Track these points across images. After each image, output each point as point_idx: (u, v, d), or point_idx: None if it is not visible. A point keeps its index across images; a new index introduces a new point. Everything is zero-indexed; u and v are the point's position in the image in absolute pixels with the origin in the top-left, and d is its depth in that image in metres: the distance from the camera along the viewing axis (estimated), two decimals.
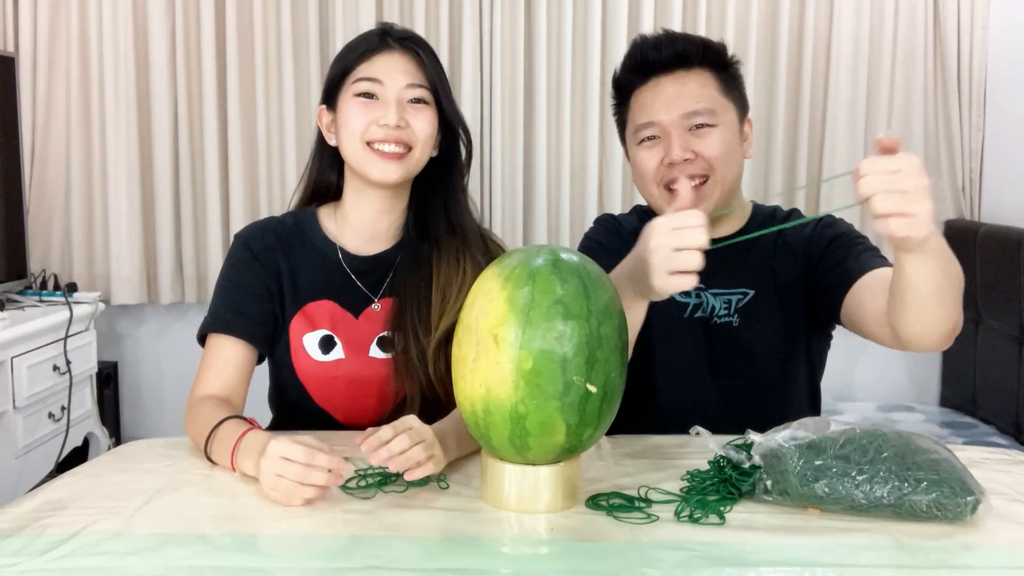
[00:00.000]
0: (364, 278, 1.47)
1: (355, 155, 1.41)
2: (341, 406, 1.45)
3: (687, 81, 1.46)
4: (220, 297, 1.45)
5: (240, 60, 3.13)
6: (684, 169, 1.44)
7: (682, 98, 1.45)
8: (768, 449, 1.10)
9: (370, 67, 1.40)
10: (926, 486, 1.04)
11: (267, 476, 1.10)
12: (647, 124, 1.47)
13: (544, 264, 1.06)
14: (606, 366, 1.05)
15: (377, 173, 1.40)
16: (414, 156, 1.41)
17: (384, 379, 1.43)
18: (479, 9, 3.11)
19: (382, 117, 1.38)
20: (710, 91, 1.46)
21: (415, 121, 1.40)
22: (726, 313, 1.53)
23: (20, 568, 0.94)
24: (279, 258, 1.46)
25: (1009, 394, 2.69)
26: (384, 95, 1.40)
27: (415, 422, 1.17)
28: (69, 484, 1.19)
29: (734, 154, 1.47)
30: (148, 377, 3.36)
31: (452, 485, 1.18)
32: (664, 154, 1.45)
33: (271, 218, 1.53)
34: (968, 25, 3.09)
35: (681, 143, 1.43)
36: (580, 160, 3.17)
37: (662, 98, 1.46)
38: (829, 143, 3.14)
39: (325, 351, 1.44)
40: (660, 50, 1.47)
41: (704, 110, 1.44)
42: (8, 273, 2.82)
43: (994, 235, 2.80)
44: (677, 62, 1.46)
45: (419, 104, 1.41)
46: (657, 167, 1.46)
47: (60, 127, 3.17)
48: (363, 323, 1.45)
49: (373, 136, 1.39)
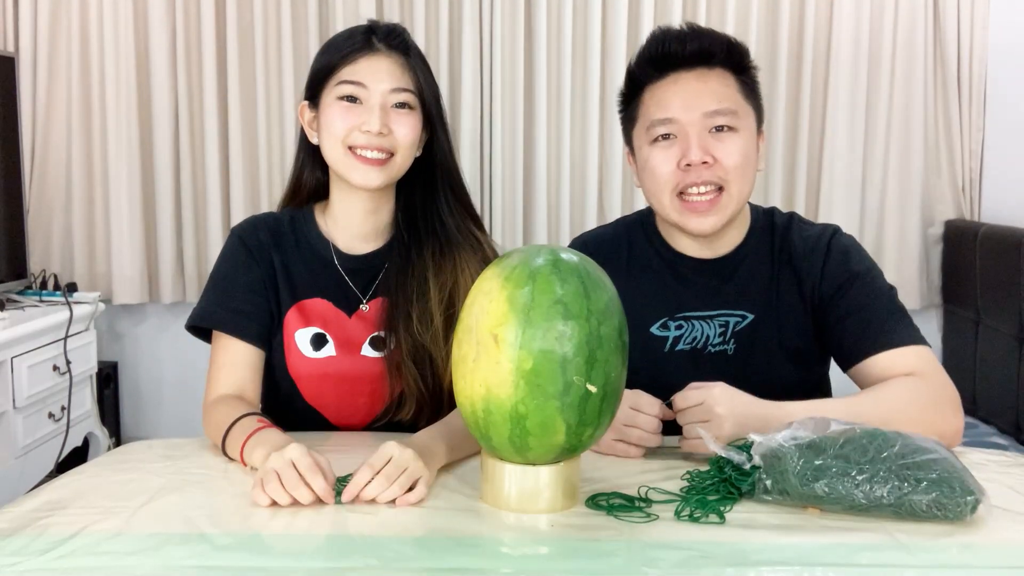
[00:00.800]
0: (355, 277, 1.47)
1: (336, 159, 1.40)
2: (332, 404, 1.45)
3: (709, 79, 1.38)
4: (214, 291, 1.45)
5: (240, 60, 3.13)
6: (700, 174, 1.36)
7: (704, 96, 1.37)
8: (768, 449, 1.10)
9: (354, 70, 1.39)
10: (926, 486, 1.04)
11: (267, 469, 1.11)
12: (664, 120, 1.38)
13: (544, 264, 1.06)
14: (606, 366, 1.05)
15: (359, 178, 1.39)
16: (396, 162, 1.40)
17: (375, 378, 1.43)
18: (479, 9, 3.12)
19: (364, 123, 1.36)
20: (732, 91, 1.39)
21: (398, 127, 1.38)
22: (720, 341, 1.44)
23: (20, 568, 0.94)
24: (272, 254, 1.46)
25: (1009, 394, 2.69)
26: (367, 99, 1.38)
27: (394, 451, 1.13)
28: (69, 484, 1.19)
29: (751, 166, 1.40)
30: (148, 377, 3.36)
31: (452, 485, 1.18)
32: (680, 156, 1.37)
33: (268, 214, 1.53)
34: (968, 25, 3.09)
35: (700, 144, 1.36)
36: (580, 160, 3.17)
37: (682, 94, 1.38)
38: (829, 143, 3.14)
39: (316, 348, 1.43)
40: (684, 44, 1.38)
41: (726, 110, 1.37)
42: (8, 273, 2.82)
43: (994, 235, 2.80)
44: (700, 59, 1.38)
45: (403, 108, 1.40)
46: (672, 171, 1.38)
47: (60, 127, 3.17)
48: (356, 322, 1.45)
49: (355, 141, 1.37)
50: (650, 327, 1.46)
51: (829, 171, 3.14)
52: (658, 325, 1.46)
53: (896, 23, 3.11)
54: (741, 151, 1.38)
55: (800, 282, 1.44)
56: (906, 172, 3.16)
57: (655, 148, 1.40)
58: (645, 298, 1.46)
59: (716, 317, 1.45)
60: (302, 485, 1.08)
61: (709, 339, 1.45)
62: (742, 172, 1.38)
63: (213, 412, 1.34)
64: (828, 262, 1.43)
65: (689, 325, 1.46)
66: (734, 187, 1.38)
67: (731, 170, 1.37)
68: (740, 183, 1.38)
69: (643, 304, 1.45)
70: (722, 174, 1.37)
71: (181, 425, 3.21)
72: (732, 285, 1.46)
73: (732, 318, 1.45)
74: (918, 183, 3.16)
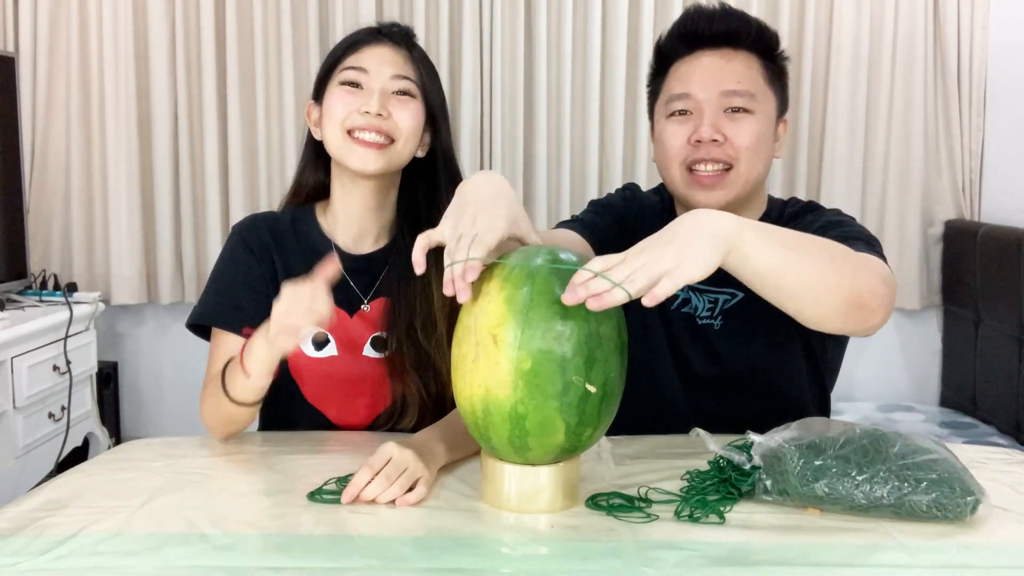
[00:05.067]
0: (356, 278, 1.47)
1: (336, 144, 1.40)
2: (333, 404, 1.45)
3: (733, 59, 1.39)
4: (215, 289, 1.45)
5: (240, 60, 3.13)
6: (709, 151, 1.37)
7: (724, 75, 1.38)
8: (768, 449, 1.10)
9: (357, 57, 1.40)
10: (926, 486, 1.04)
11: (276, 316, 1.18)
12: (681, 95, 1.40)
13: (543, 264, 1.06)
14: (605, 366, 1.05)
15: (357, 162, 1.38)
16: (396, 148, 1.40)
17: (377, 379, 1.43)
18: (479, 9, 3.11)
19: (364, 105, 1.37)
20: (754, 74, 1.39)
21: (398, 112, 1.38)
22: (708, 315, 1.47)
23: (20, 568, 0.94)
24: (273, 252, 1.45)
25: (1009, 394, 2.69)
26: (369, 84, 1.39)
27: (394, 451, 1.14)
28: (69, 484, 1.19)
29: (764, 148, 1.40)
30: (148, 377, 3.37)
31: (452, 485, 1.18)
32: (692, 131, 1.38)
33: (268, 212, 1.52)
34: (968, 25, 3.09)
35: (712, 122, 1.37)
36: (580, 160, 3.17)
37: (702, 71, 1.39)
38: (829, 143, 3.14)
39: (318, 348, 1.43)
40: (712, 23, 1.39)
41: (744, 92, 1.37)
42: (8, 273, 2.82)
43: (994, 235, 2.80)
44: (727, 39, 1.39)
45: (404, 96, 1.40)
46: (683, 145, 1.39)
47: (60, 127, 3.17)
48: (357, 322, 1.45)
49: (354, 123, 1.37)
50: None
51: (829, 171, 3.14)
52: None
53: (896, 23, 3.10)
54: (754, 133, 1.38)
55: None
56: (906, 172, 3.16)
57: (670, 122, 1.42)
58: None
59: (706, 292, 1.48)
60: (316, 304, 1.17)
61: (698, 311, 1.48)
62: (753, 153, 1.38)
63: (206, 394, 1.36)
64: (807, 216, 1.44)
65: (687, 293, 1.48)
66: (743, 166, 1.38)
67: (741, 150, 1.38)
68: (749, 164, 1.39)
69: None
70: (732, 153, 1.38)
71: (181, 425, 3.21)
72: None
73: (722, 295, 1.47)
74: (918, 183, 3.16)
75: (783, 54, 1.45)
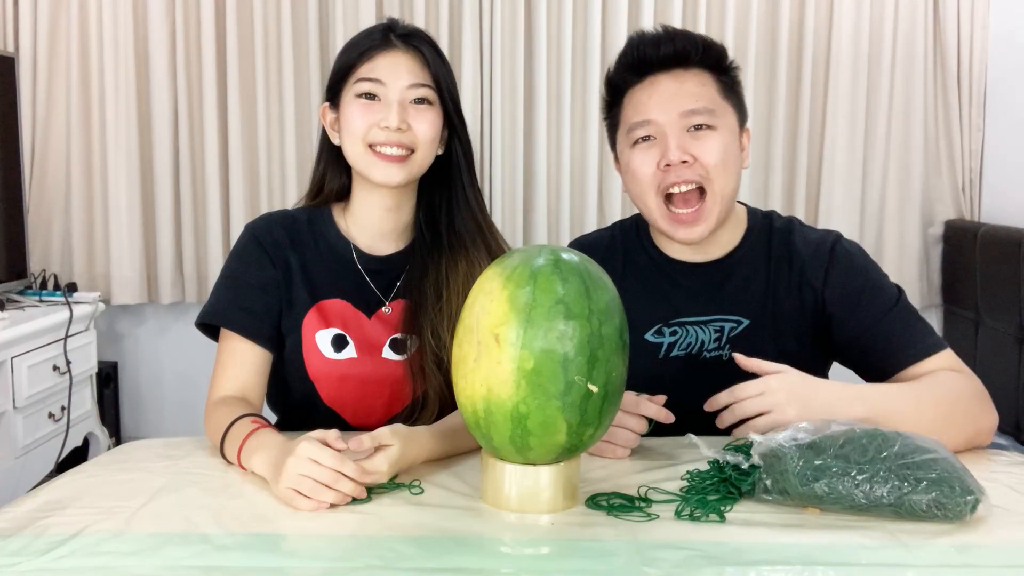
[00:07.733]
0: (376, 279, 1.46)
1: (357, 157, 1.40)
2: (350, 406, 1.43)
3: (685, 80, 1.39)
4: (225, 288, 1.43)
5: (240, 60, 3.13)
6: (680, 173, 1.36)
7: (680, 96, 1.37)
8: (768, 449, 1.10)
9: (372, 67, 1.39)
10: (926, 486, 1.04)
11: (291, 474, 1.08)
12: (642, 123, 1.39)
13: (545, 264, 1.06)
14: (607, 366, 1.05)
15: (380, 176, 1.38)
16: (416, 158, 1.40)
17: (396, 381, 1.42)
18: (479, 9, 3.12)
19: (383, 120, 1.36)
20: (710, 91, 1.39)
21: (417, 123, 1.38)
22: (716, 347, 1.43)
23: (20, 568, 0.94)
24: (288, 253, 1.44)
25: (1009, 394, 2.69)
26: (386, 96, 1.38)
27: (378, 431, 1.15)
28: (69, 484, 1.19)
29: (732, 162, 1.39)
30: (148, 377, 3.37)
31: (452, 485, 1.18)
32: (660, 156, 1.37)
33: (283, 212, 1.50)
34: (968, 25, 3.09)
35: (679, 144, 1.36)
36: (580, 160, 3.17)
37: (658, 96, 1.38)
38: (829, 143, 3.14)
39: (337, 350, 1.42)
40: (659, 47, 1.39)
41: (703, 109, 1.37)
42: (8, 273, 2.82)
43: (994, 235, 2.80)
44: (676, 61, 1.39)
45: (422, 104, 1.40)
46: (654, 172, 1.38)
47: (60, 127, 3.17)
48: (376, 323, 1.44)
49: (375, 139, 1.37)
50: (644, 334, 1.45)
51: (829, 171, 3.14)
52: (652, 332, 1.46)
53: (896, 23, 3.11)
54: (720, 149, 1.38)
55: (800, 286, 1.43)
56: (906, 172, 3.16)
57: (636, 150, 1.41)
58: (639, 305, 1.44)
59: (711, 322, 1.45)
60: (340, 478, 1.08)
61: (704, 344, 1.44)
62: (723, 169, 1.38)
63: (214, 414, 1.33)
64: (833, 269, 1.42)
65: (684, 331, 1.45)
66: (716, 184, 1.38)
67: (711, 168, 1.37)
68: (722, 180, 1.38)
69: (637, 311, 1.42)
70: (703, 172, 1.37)
71: (181, 425, 3.21)
72: (727, 290, 1.45)
73: (727, 323, 1.44)
74: (918, 183, 3.16)
75: (733, 65, 1.44)
